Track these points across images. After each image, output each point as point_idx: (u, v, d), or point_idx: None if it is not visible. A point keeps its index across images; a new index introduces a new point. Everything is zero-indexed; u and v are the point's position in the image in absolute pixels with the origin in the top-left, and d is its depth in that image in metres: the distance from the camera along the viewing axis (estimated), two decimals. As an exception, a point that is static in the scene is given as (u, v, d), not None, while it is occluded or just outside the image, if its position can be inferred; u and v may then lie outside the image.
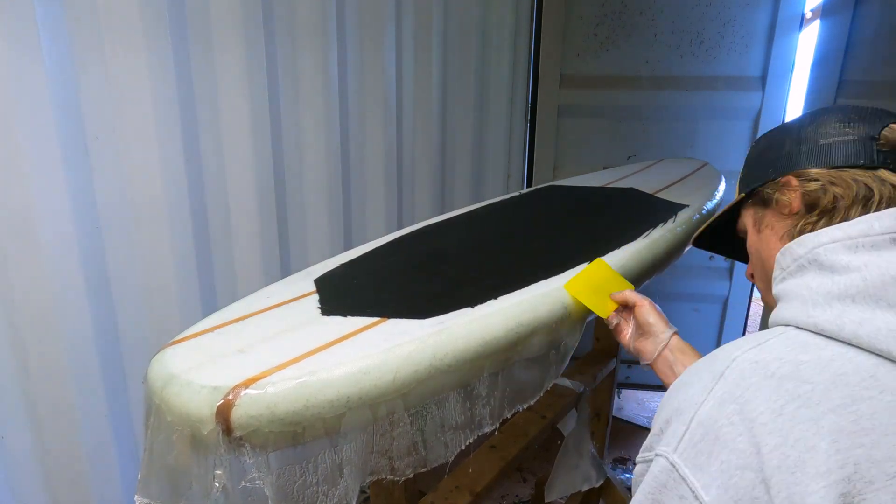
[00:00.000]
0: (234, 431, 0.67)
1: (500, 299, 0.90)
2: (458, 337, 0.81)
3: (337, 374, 0.73)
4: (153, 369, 0.72)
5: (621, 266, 1.04)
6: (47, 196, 1.34)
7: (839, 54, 2.12)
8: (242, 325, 0.82)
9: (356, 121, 2.09)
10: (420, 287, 0.95)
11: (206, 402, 0.67)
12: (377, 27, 2.09)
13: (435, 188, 2.50)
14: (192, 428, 0.67)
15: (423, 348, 0.78)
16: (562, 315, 0.92)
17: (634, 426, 3.01)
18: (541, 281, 0.96)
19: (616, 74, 2.73)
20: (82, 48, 1.37)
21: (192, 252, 1.67)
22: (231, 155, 1.73)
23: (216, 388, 0.68)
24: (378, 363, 0.75)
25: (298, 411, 0.70)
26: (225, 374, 0.70)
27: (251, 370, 0.71)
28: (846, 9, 2.09)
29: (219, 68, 1.65)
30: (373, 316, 0.84)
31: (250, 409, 0.68)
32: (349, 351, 0.77)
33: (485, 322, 0.85)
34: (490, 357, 0.84)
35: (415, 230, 1.24)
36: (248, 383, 0.69)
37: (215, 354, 0.75)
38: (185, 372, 0.71)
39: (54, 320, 1.40)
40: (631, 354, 0.99)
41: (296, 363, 0.73)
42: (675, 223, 1.27)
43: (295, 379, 0.71)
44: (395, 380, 0.76)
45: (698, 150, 2.75)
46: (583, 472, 1.75)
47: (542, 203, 1.51)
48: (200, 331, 0.80)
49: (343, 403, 0.72)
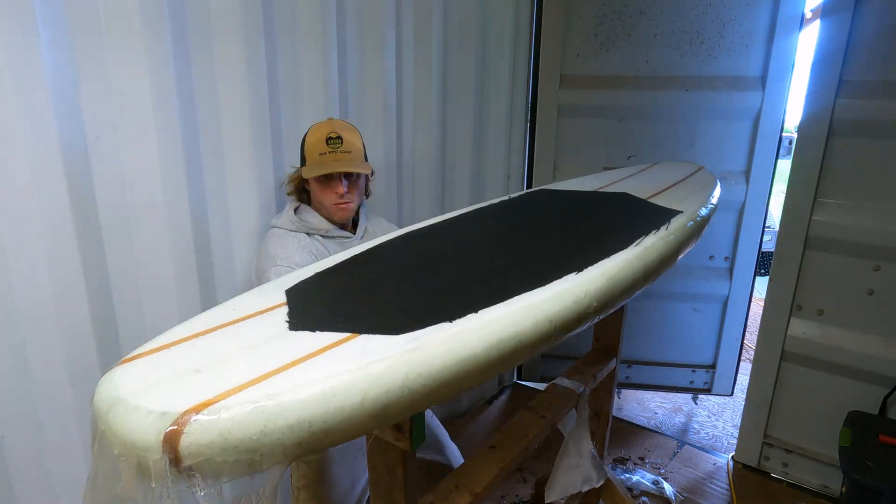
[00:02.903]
0: (183, 461, 0.59)
1: (481, 313, 0.81)
2: (433, 355, 0.72)
3: (299, 397, 0.64)
4: (100, 391, 0.64)
5: (609, 276, 0.95)
6: (47, 196, 1.31)
7: (839, 54, 2.04)
8: (203, 341, 0.74)
9: (356, 121, 2.02)
10: (397, 299, 0.86)
11: (153, 429, 0.59)
12: (377, 27, 2.03)
13: (435, 188, 2.42)
14: (138, 457, 0.59)
15: (396, 367, 0.70)
16: (547, 330, 0.83)
17: (634, 426, 2.93)
18: (525, 293, 0.87)
19: (616, 74, 2.63)
20: (83, 49, 1.34)
21: (191, 252, 1.64)
22: (231, 155, 1.69)
23: (164, 413, 0.60)
24: (345, 384, 0.67)
25: (255, 438, 0.62)
26: (176, 398, 0.62)
27: (205, 393, 0.63)
28: (846, 9, 2.01)
29: (219, 68, 1.62)
30: (343, 331, 0.75)
31: (201, 436, 0.59)
32: (314, 371, 0.68)
33: (463, 339, 0.76)
34: (468, 376, 0.75)
35: (395, 237, 1.15)
36: (199, 408, 0.61)
37: (169, 374, 0.66)
38: (132, 395, 0.62)
39: (54, 320, 1.38)
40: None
41: (255, 385, 0.65)
42: (668, 231, 1.17)
43: (252, 403, 0.62)
44: (363, 402, 0.67)
45: (698, 151, 2.65)
46: (583, 472, 1.70)
47: (532, 208, 1.42)
48: (157, 347, 0.72)
49: (305, 428, 0.64)
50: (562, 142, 2.79)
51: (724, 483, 2.46)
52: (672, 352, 2.99)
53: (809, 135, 2.14)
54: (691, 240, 1.29)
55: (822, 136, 2.11)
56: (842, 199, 2.15)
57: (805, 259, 2.24)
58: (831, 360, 2.24)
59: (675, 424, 3.01)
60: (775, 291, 2.33)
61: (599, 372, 1.78)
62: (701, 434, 2.94)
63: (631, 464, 2.59)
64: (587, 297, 0.92)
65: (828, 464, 2.31)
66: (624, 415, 3.04)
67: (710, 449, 2.76)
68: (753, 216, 2.70)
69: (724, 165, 2.65)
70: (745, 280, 2.80)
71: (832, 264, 2.19)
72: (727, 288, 2.83)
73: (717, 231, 2.75)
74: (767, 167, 2.62)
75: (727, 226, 2.74)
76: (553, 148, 2.79)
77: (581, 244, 1.09)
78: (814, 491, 2.36)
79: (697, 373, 3.01)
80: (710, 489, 2.43)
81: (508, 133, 2.77)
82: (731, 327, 2.90)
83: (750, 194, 2.66)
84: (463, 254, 1.09)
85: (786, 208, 2.24)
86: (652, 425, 2.97)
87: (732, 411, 3.13)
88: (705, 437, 2.91)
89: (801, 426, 2.37)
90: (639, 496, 2.35)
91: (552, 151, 2.79)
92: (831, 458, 2.27)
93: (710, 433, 2.95)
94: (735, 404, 3.16)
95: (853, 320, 2.19)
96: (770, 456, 2.48)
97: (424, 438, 0.94)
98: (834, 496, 2.31)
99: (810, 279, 2.25)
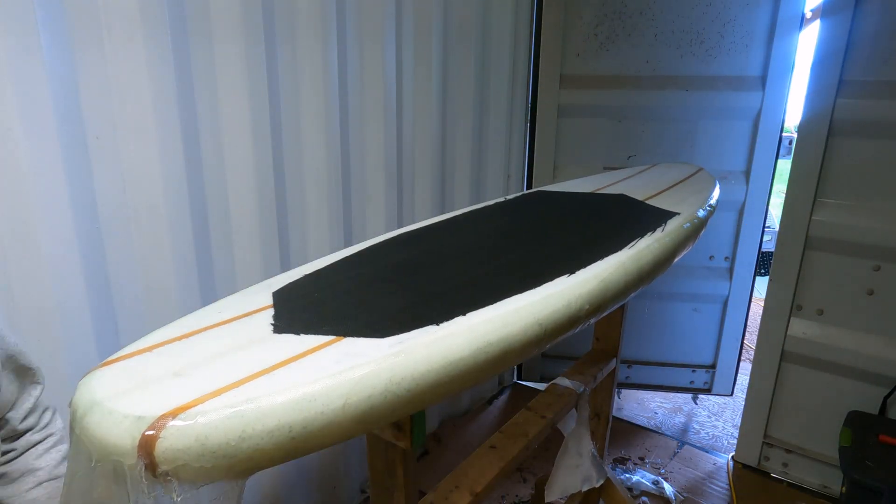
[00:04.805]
0: (158, 466, 0.57)
1: (469, 316, 0.78)
2: (418, 359, 0.70)
3: (279, 402, 0.62)
4: (77, 394, 0.62)
5: (602, 279, 0.92)
6: (47, 196, 1.30)
7: (839, 54, 2.00)
8: (185, 344, 0.72)
9: (356, 121, 2.00)
10: (384, 302, 0.84)
11: (129, 434, 0.57)
12: (377, 27, 2.01)
13: (435, 188, 2.40)
14: (114, 462, 0.57)
15: (378, 371, 0.68)
16: (536, 333, 0.80)
17: (634, 426, 2.89)
18: (515, 295, 0.84)
19: (616, 74, 2.60)
20: (82, 48, 1.32)
21: (192, 252, 1.63)
22: (231, 154, 1.68)
23: (140, 417, 0.58)
24: (326, 389, 0.65)
25: (234, 444, 0.60)
26: (153, 402, 0.60)
27: (183, 397, 0.61)
28: (846, 9, 1.98)
29: (219, 68, 1.60)
30: (328, 334, 0.73)
31: (177, 441, 0.57)
32: (296, 374, 0.66)
33: (449, 342, 0.73)
34: (455, 380, 0.73)
35: (386, 239, 1.12)
36: (176, 412, 0.59)
37: (148, 378, 0.64)
38: (109, 398, 0.61)
39: (54, 321, 1.36)
40: None
41: (234, 388, 0.63)
42: (664, 232, 1.14)
43: (230, 407, 0.60)
44: (344, 407, 0.65)
45: (698, 151, 2.62)
46: (583, 472, 1.68)
47: (527, 210, 1.39)
48: (137, 350, 0.70)
49: (285, 434, 0.62)
50: (562, 142, 2.75)
51: (724, 483, 2.43)
52: (672, 352, 2.96)
53: (809, 135, 2.11)
54: (688, 242, 1.26)
55: (822, 136, 2.08)
56: (842, 199, 2.11)
57: (805, 259, 2.21)
58: (831, 360, 2.21)
59: (675, 424, 2.98)
60: (775, 291, 2.29)
61: (599, 372, 1.76)
62: (701, 434, 2.90)
63: (631, 464, 2.56)
64: (579, 299, 0.89)
65: (828, 464, 2.28)
66: (624, 415, 3.01)
67: (710, 449, 2.73)
68: (753, 216, 2.66)
69: (724, 165, 2.62)
70: (745, 280, 2.76)
71: (832, 264, 2.16)
72: (727, 288, 2.79)
73: (717, 231, 2.71)
74: (767, 167, 2.58)
75: (727, 226, 2.71)
76: (553, 148, 2.76)
77: (575, 246, 1.06)
78: (814, 491, 2.33)
79: (697, 373, 2.97)
80: (710, 489, 2.40)
81: (508, 133, 2.74)
82: (731, 327, 2.86)
83: (750, 194, 2.63)
84: (455, 256, 1.06)
85: (786, 208, 2.21)
86: (652, 425, 2.94)
87: (732, 411, 3.09)
88: (705, 437, 2.87)
89: (801, 426, 2.34)
90: (639, 496, 2.33)
91: (552, 151, 2.76)
92: (831, 458, 2.23)
93: (710, 433, 2.91)
94: (735, 404, 3.12)
95: (853, 320, 2.16)
96: (770, 456, 2.45)
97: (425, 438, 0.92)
98: (834, 496, 2.28)
99: (810, 279, 2.22)
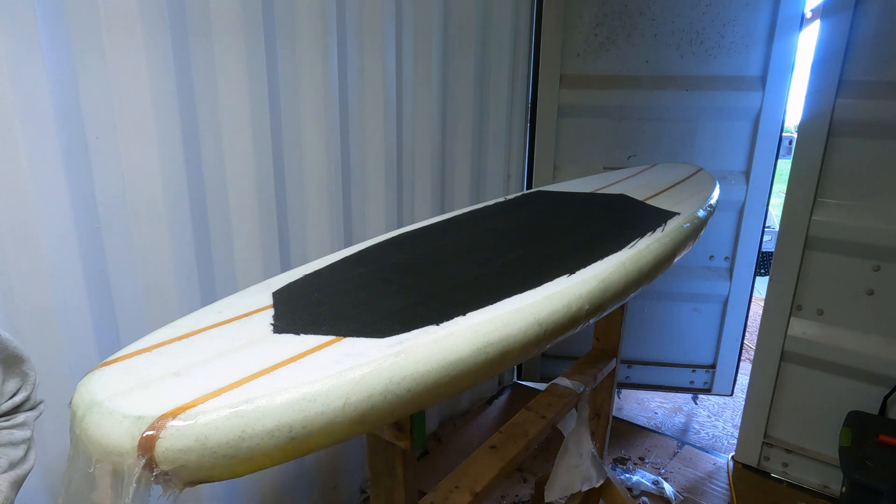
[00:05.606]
0: (158, 466, 0.57)
1: (469, 316, 0.78)
2: (417, 359, 0.70)
3: (278, 402, 0.62)
4: (77, 394, 0.62)
5: (602, 279, 0.92)
6: (47, 196, 1.29)
7: (839, 54, 2.00)
8: (185, 344, 0.71)
9: (356, 121, 2.00)
10: (384, 302, 0.83)
11: (129, 434, 0.57)
12: (377, 27, 2.01)
13: (435, 188, 2.40)
14: (113, 462, 0.57)
15: (378, 371, 0.67)
16: (536, 333, 0.80)
17: (634, 426, 2.89)
18: (515, 295, 0.84)
19: (616, 74, 2.60)
20: (83, 48, 1.32)
21: (192, 252, 1.62)
22: (231, 154, 1.68)
23: (140, 417, 0.58)
24: (326, 388, 0.64)
25: (233, 444, 0.59)
26: (153, 402, 0.60)
27: (183, 397, 0.61)
28: (846, 9, 1.98)
29: (219, 68, 1.59)
30: (328, 334, 0.73)
31: (177, 441, 0.57)
32: (296, 374, 0.66)
33: (449, 342, 0.73)
34: (455, 380, 0.72)
35: (386, 239, 1.12)
36: (176, 413, 0.58)
37: (148, 378, 0.64)
38: (109, 398, 0.60)
39: (54, 321, 1.36)
40: None
41: (234, 388, 0.63)
42: (664, 233, 1.14)
43: (230, 407, 0.60)
44: (344, 406, 0.65)
45: (698, 151, 2.62)
46: (583, 472, 1.68)
47: (527, 210, 1.38)
48: (137, 350, 0.70)
49: (285, 434, 0.62)
50: (562, 142, 2.75)
51: (724, 483, 2.43)
52: (672, 352, 2.96)
53: (809, 135, 2.11)
54: (688, 242, 1.26)
55: (822, 136, 2.08)
56: (842, 199, 2.11)
57: (805, 259, 2.20)
58: (831, 360, 2.20)
59: (675, 424, 2.97)
60: (775, 291, 2.29)
61: (599, 372, 1.76)
62: (701, 434, 2.90)
63: (631, 464, 2.56)
64: (578, 299, 0.89)
65: (828, 464, 2.28)
66: (624, 415, 3.00)
67: (710, 449, 2.72)
68: (753, 216, 2.66)
69: (724, 165, 2.62)
70: (745, 280, 2.76)
71: (832, 264, 2.16)
72: (727, 288, 2.79)
73: (717, 231, 2.71)
74: (767, 167, 2.58)
75: (727, 226, 2.70)
76: (553, 148, 2.76)
77: (574, 246, 1.06)
78: (814, 491, 2.32)
79: (697, 373, 2.97)
80: (710, 489, 2.39)
81: (508, 133, 2.74)
82: (731, 327, 2.86)
83: (750, 194, 2.62)
84: (455, 256, 1.06)
85: (786, 208, 2.21)
86: (652, 425, 2.93)
87: (732, 411, 3.09)
88: (705, 437, 2.87)
89: (801, 426, 2.34)
90: (639, 496, 2.32)
91: (552, 151, 2.76)
92: (831, 458, 2.23)
93: (710, 433, 2.91)
94: (735, 404, 3.12)
95: (853, 320, 2.15)
96: (770, 456, 2.45)
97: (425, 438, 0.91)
98: (834, 496, 2.27)
99: (810, 279, 2.21)
